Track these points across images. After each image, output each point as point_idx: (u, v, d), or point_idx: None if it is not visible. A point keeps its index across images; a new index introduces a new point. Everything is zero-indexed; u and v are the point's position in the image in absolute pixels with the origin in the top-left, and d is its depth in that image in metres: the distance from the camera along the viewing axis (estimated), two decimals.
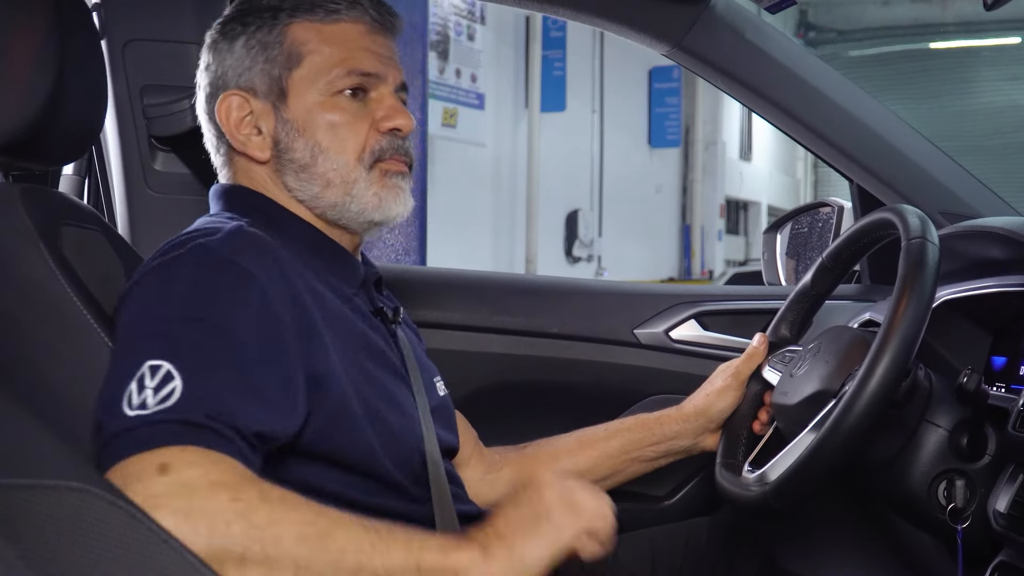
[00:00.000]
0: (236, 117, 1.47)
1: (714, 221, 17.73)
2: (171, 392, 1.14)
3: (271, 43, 1.45)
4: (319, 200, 1.46)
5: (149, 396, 1.13)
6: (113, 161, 2.04)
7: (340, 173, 1.45)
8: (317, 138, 1.45)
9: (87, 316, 1.32)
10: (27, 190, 1.39)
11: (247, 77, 1.46)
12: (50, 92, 1.32)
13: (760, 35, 2.06)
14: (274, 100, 1.46)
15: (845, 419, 1.40)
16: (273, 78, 1.45)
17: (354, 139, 1.45)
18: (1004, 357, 1.71)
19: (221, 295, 1.24)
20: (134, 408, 1.13)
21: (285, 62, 1.45)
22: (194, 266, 1.27)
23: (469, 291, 2.22)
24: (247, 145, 1.47)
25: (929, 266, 1.44)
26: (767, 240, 2.43)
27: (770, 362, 1.78)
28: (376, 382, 1.40)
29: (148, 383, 1.14)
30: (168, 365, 1.15)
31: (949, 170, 2.10)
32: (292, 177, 1.46)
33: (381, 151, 1.46)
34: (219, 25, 1.50)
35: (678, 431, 1.79)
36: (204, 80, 1.51)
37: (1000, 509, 1.46)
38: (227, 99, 1.47)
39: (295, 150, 1.45)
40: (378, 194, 1.46)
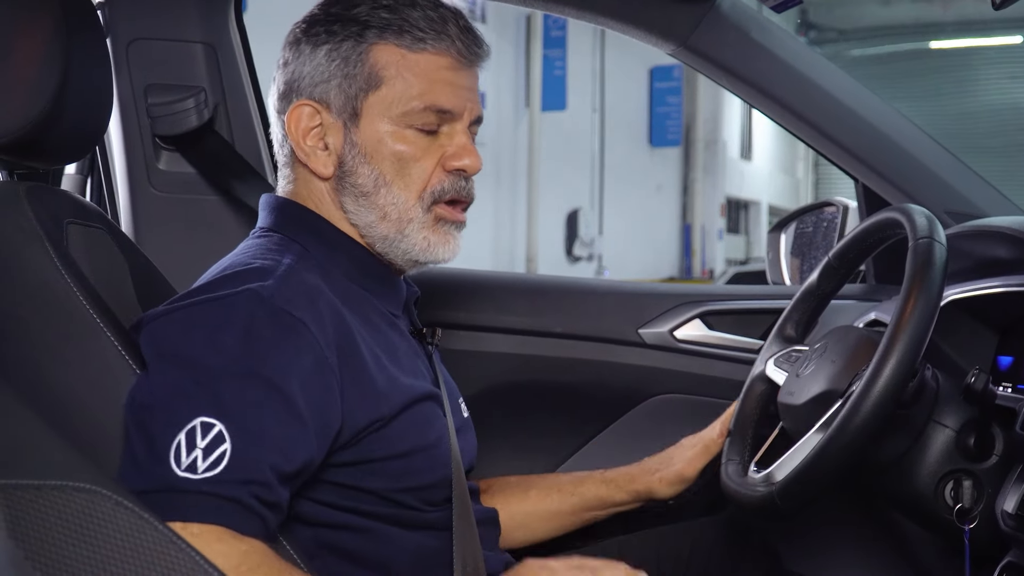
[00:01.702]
0: (305, 127, 1.44)
1: (715, 220, 17.76)
2: (220, 457, 1.18)
3: (353, 60, 1.42)
4: (372, 230, 1.45)
5: (199, 458, 1.17)
6: (117, 160, 2.04)
7: (398, 209, 1.44)
8: (383, 168, 1.43)
9: (92, 315, 1.31)
10: (32, 188, 1.39)
11: (323, 89, 1.44)
12: (55, 91, 1.32)
13: (765, 34, 2.06)
14: (346, 119, 1.43)
15: (852, 419, 1.39)
16: (349, 96, 1.43)
17: (419, 175, 1.43)
18: (1011, 357, 1.70)
19: (274, 349, 1.26)
20: (183, 468, 1.17)
21: (364, 83, 1.42)
22: (248, 316, 1.27)
23: (473, 291, 2.22)
24: (311, 158, 1.45)
25: (937, 266, 1.44)
26: (772, 239, 2.43)
27: (776, 362, 1.77)
28: (413, 406, 1.41)
29: (199, 442, 1.18)
30: (220, 426, 1.19)
31: (955, 169, 2.09)
32: (351, 201, 1.45)
33: (442, 192, 1.45)
34: (305, 24, 1.47)
35: (654, 490, 1.78)
36: (280, 77, 1.48)
37: (1008, 509, 1.45)
38: (299, 108, 1.44)
39: (359, 175, 1.43)
40: (428, 238, 1.45)
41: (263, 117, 2.07)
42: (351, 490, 1.35)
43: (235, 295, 1.28)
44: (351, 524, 1.36)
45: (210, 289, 1.31)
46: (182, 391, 1.22)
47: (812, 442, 1.47)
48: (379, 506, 1.38)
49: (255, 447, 1.20)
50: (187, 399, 1.21)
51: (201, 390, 1.21)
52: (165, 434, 1.18)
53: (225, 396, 1.21)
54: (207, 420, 1.19)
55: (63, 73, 1.33)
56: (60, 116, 1.35)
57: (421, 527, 1.42)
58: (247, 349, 1.25)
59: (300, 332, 1.28)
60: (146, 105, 1.99)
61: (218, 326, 1.26)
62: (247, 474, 1.19)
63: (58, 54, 1.32)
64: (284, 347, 1.26)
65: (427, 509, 1.42)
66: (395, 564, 1.39)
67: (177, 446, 1.17)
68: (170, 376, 1.24)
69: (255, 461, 1.20)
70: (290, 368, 1.26)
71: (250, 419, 1.21)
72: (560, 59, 13.19)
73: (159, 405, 1.21)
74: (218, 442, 1.18)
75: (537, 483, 1.78)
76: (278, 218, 1.48)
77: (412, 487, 1.40)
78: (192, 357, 1.24)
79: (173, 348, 1.26)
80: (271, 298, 1.29)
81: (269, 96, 1.53)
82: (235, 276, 1.32)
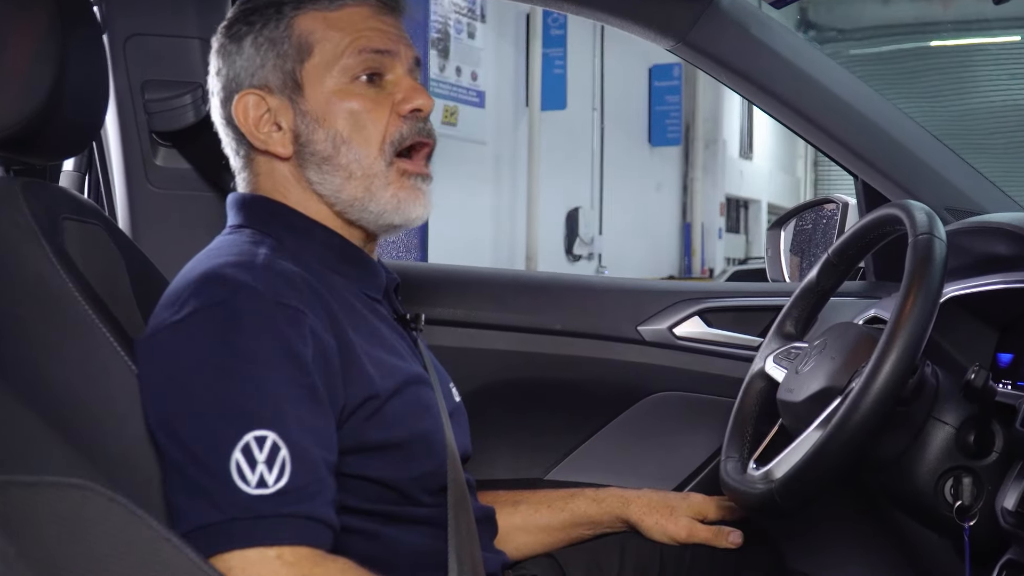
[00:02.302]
0: (254, 116, 1.45)
1: (714, 219, 17.76)
2: (283, 467, 1.19)
3: (279, 38, 1.44)
4: (340, 194, 1.45)
5: (265, 473, 1.18)
6: (114, 156, 2.04)
7: (362, 165, 1.43)
8: (338, 127, 1.43)
9: (89, 311, 1.31)
10: (28, 184, 1.38)
11: (260, 75, 1.45)
12: (52, 87, 1.31)
13: (765, 30, 2.05)
14: (290, 94, 1.44)
15: (852, 416, 1.39)
16: (286, 72, 1.44)
17: (375, 127, 1.44)
18: (1011, 354, 1.70)
19: (286, 342, 1.26)
20: (253, 486, 1.18)
21: (296, 54, 1.43)
22: (253, 315, 1.27)
23: (472, 288, 2.21)
24: (268, 142, 1.45)
25: (937, 262, 1.43)
26: (771, 237, 2.42)
27: (775, 359, 1.77)
28: (405, 388, 1.41)
29: (258, 456, 1.18)
30: (272, 435, 1.20)
31: (955, 166, 2.09)
32: (314, 170, 1.45)
33: (402, 137, 1.45)
34: (224, 28, 1.49)
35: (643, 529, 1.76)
36: (216, 85, 1.49)
37: (1008, 507, 1.45)
38: (242, 99, 1.45)
39: (316, 142, 1.43)
40: (396, 195, 1.45)
41: None
42: (352, 479, 1.34)
43: (234, 296, 1.27)
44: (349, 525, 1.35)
45: (201, 295, 1.29)
46: (219, 407, 1.21)
47: (811, 439, 1.47)
48: (378, 501, 1.37)
49: (308, 446, 1.22)
50: (227, 414, 1.20)
51: (237, 402, 1.21)
52: (220, 457, 1.18)
53: (262, 401, 1.21)
54: (259, 433, 1.19)
55: (59, 69, 1.32)
56: (56, 112, 1.34)
57: (419, 522, 1.41)
58: (263, 347, 1.24)
59: (300, 320, 1.28)
60: (143, 101, 1.98)
61: (230, 330, 1.25)
62: (312, 475, 1.21)
63: (54, 50, 1.32)
64: (294, 338, 1.26)
65: (426, 501, 1.42)
66: (392, 564, 1.39)
67: (238, 466, 1.17)
68: (201, 393, 1.23)
69: (312, 462, 1.22)
70: (305, 357, 1.26)
71: (293, 419, 1.22)
72: (560, 58, 13.19)
73: (201, 429, 1.21)
74: (276, 451, 1.19)
75: (527, 497, 1.77)
76: (247, 213, 1.47)
77: (411, 476, 1.39)
78: (215, 367, 1.23)
79: (193, 361, 1.25)
80: (265, 291, 1.28)
81: (211, 109, 1.53)
82: (221, 277, 1.31)
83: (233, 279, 1.29)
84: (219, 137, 1.94)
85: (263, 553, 1.16)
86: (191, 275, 1.34)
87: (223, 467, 1.17)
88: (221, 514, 1.16)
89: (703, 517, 1.74)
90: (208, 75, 1.51)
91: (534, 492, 1.80)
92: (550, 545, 1.76)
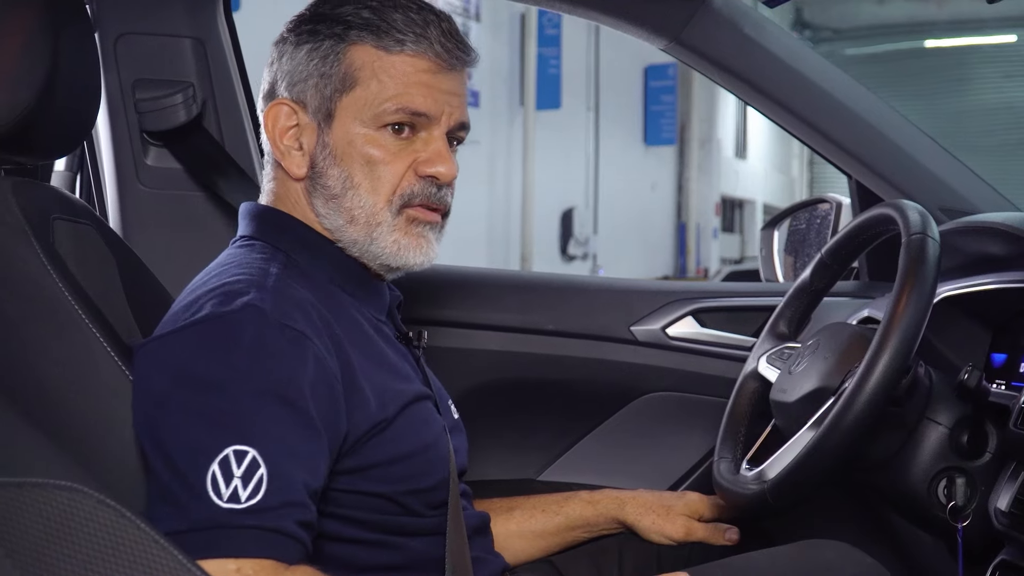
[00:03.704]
0: (283, 127, 1.43)
1: (709, 219, 17.77)
2: (259, 483, 1.17)
3: (331, 60, 1.40)
4: (342, 233, 1.43)
5: (239, 487, 1.17)
6: (105, 156, 2.03)
7: (366, 212, 1.41)
8: (352, 171, 1.40)
9: (79, 312, 1.30)
10: (19, 184, 1.38)
11: (300, 89, 1.42)
12: (43, 86, 1.30)
13: (758, 30, 2.05)
14: (320, 120, 1.41)
15: (845, 417, 1.39)
16: (324, 97, 1.41)
17: (389, 179, 1.40)
18: (1004, 354, 1.70)
19: (284, 364, 1.24)
20: (225, 500, 1.16)
21: (339, 83, 1.40)
22: (255, 333, 1.25)
23: (464, 288, 2.21)
24: (286, 158, 1.43)
25: (930, 262, 1.43)
26: (765, 237, 2.42)
27: (769, 359, 1.77)
28: (408, 407, 1.40)
29: (235, 471, 1.17)
30: (252, 451, 1.18)
31: (948, 165, 2.09)
32: (321, 203, 1.43)
33: (412, 195, 1.41)
34: (292, 23, 1.46)
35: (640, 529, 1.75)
36: (266, 75, 1.47)
37: (1001, 507, 1.45)
38: (277, 107, 1.43)
39: (328, 177, 1.41)
40: (398, 241, 1.42)
41: (252, 113, 2.06)
42: (351, 495, 1.34)
43: (238, 312, 1.26)
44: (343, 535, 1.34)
45: (205, 308, 1.28)
46: (205, 419, 1.20)
47: (804, 440, 1.46)
48: (377, 513, 1.37)
49: (288, 468, 1.20)
50: (212, 427, 1.19)
51: (225, 416, 1.20)
52: (198, 467, 1.17)
53: (249, 419, 1.20)
54: (239, 448, 1.17)
55: (50, 68, 1.31)
56: (47, 111, 1.33)
57: (417, 534, 1.41)
58: (260, 367, 1.23)
59: (304, 344, 1.27)
60: (134, 100, 1.98)
61: (228, 345, 1.24)
62: (287, 497, 1.19)
63: (45, 49, 1.31)
64: (292, 361, 1.25)
65: (426, 513, 1.41)
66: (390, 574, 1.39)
67: (213, 478, 1.16)
68: (190, 403, 1.22)
69: (290, 483, 1.20)
70: (301, 381, 1.24)
71: (277, 440, 1.20)
72: (555, 57, 13.19)
73: (184, 438, 1.20)
74: (254, 468, 1.17)
75: (521, 503, 1.76)
76: (259, 226, 1.45)
77: (413, 490, 1.39)
78: (208, 380, 1.22)
79: (186, 371, 1.23)
80: (271, 312, 1.27)
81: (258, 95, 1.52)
82: (229, 291, 1.29)
83: (241, 296, 1.28)
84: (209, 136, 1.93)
85: (222, 565, 1.14)
86: (200, 289, 1.32)
87: (199, 477, 1.16)
88: (186, 523, 1.15)
89: (699, 516, 1.74)
90: (269, 59, 1.47)
91: (528, 498, 1.79)
92: (546, 550, 1.75)
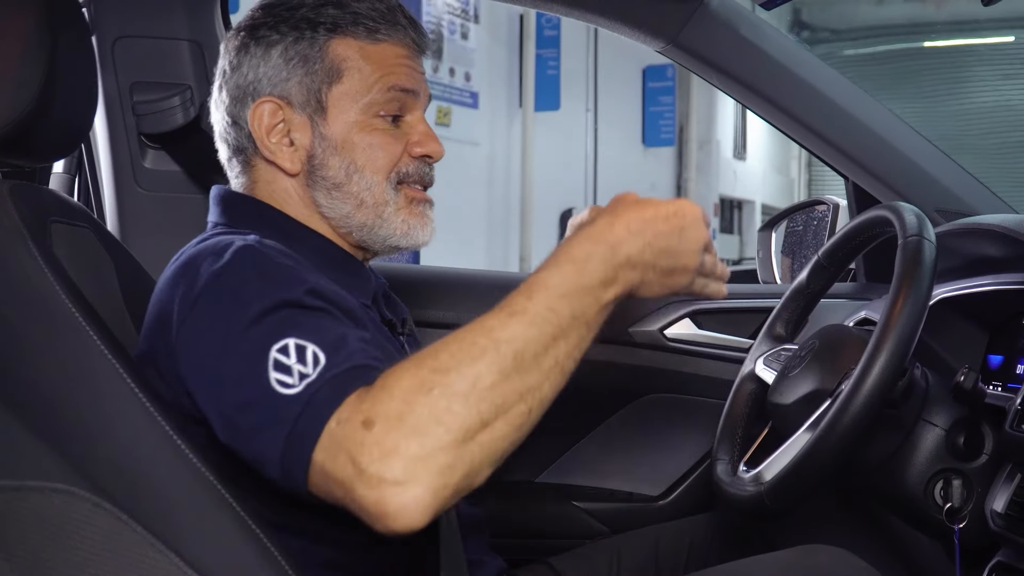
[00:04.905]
0: (268, 124, 1.45)
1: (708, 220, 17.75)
2: (316, 356, 1.14)
3: (312, 57, 1.44)
4: (349, 220, 1.46)
5: (300, 369, 1.13)
6: (102, 158, 2.03)
7: (373, 193, 1.45)
8: (353, 157, 1.45)
9: (76, 315, 1.30)
10: (16, 187, 1.38)
11: (283, 87, 1.45)
12: (40, 88, 1.30)
13: (755, 31, 2.05)
14: (311, 113, 1.45)
15: (841, 419, 1.39)
16: (312, 91, 1.44)
17: (388, 159, 1.46)
18: (1001, 356, 1.70)
19: (284, 279, 1.24)
20: (299, 384, 1.12)
21: (325, 76, 1.44)
22: (254, 263, 1.25)
23: (461, 289, 2.21)
24: (277, 155, 1.45)
25: (926, 264, 1.43)
26: (762, 238, 2.42)
27: (765, 361, 1.77)
28: None
29: (289, 361, 1.13)
30: (292, 340, 1.15)
31: (945, 167, 2.09)
32: (323, 194, 1.46)
33: (407, 175, 1.48)
34: (248, 29, 1.48)
35: None
36: (231, 82, 1.48)
37: (997, 509, 1.45)
38: (260, 106, 1.45)
39: (330, 167, 1.45)
40: (407, 221, 1.48)
41: None
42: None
43: (231, 259, 1.25)
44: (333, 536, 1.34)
45: (202, 275, 1.26)
46: (241, 352, 1.17)
47: (801, 441, 1.47)
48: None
49: (333, 335, 1.17)
50: (251, 351, 1.16)
51: (258, 334, 1.17)
52: (258, 386, 1.13)
53: (279, 321, 1.18)
54: (280, 344, 1.14)
55: (48, 71, 1.31)
56: (45, 114, 1.33)
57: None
58: (276, 284, 1.22)
59: (302, 272, 1.27)
60: (132, 103, 1.98)
61: (234, 283, 1.23)
62: (346, 349, 1.15)
63: (43, 52, 1.31)
64: (298, 274, 1.25)
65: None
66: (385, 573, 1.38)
67: (278, 382, 1.13)
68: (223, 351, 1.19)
69: (343, 341, 1.17)
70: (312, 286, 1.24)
71: (314, 326, 1.18)
72: (553, 59, 13.17)
73: (231, 381, 1.17)
74: (302, 350, 1.14)
75: None
76: (235, 213, 1.46)
77: None
78: (229, 322, 1.20)
79: (209, 338, 1.22)
80: (261, 248, 1.27)
81: (212, 99, 1.52)
82: (217, 250, 1.29)
83: (225, 248, 1.28)
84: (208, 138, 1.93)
85: (328, 430, 1.09)
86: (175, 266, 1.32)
87: (267, 392, 1.13)
88: (286, 428, 1.11)
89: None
90: (224, 67, 1.49)
91: None
92: None
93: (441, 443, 1.04)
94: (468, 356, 1.08)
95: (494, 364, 1.08)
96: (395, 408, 1.05)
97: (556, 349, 1.13)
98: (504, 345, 1.09)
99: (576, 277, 1.16)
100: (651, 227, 1.23)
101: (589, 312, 1.16)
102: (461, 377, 1.07)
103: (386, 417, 1.04)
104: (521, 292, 1.14)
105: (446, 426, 1.04)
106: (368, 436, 1.04)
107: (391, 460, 1.02)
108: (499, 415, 1.08)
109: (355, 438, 1.05)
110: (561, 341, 1.14)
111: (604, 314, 1.19)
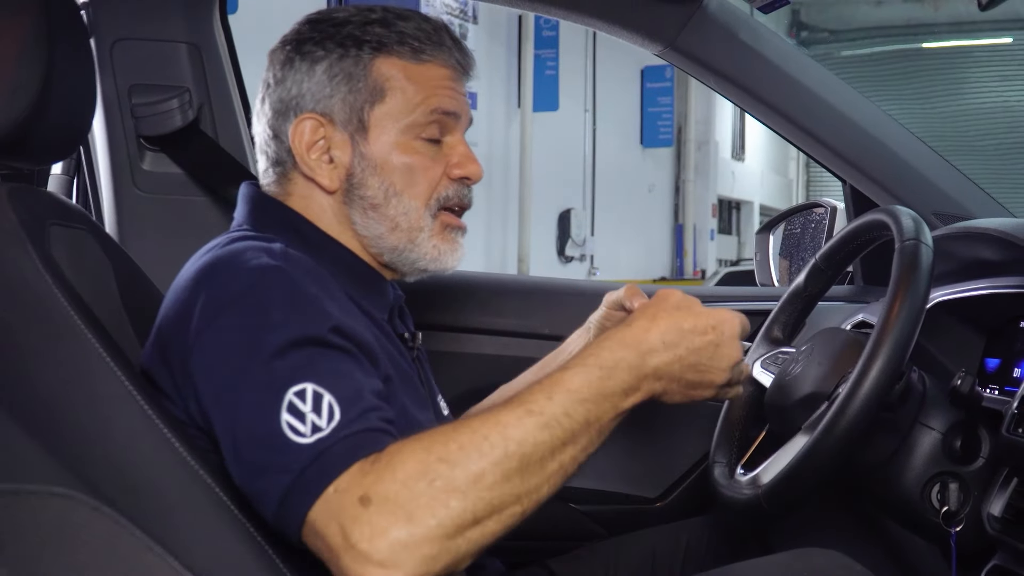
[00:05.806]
0: (309, 140, 1.44)
1: (706, 221, 17.76)
2: (331, 407, 1.15)
3: (356, 74, 1.43)
4: (381, 241, 1.46)
5: (315, 419, 1.14)
6: (101, 161, 2.03)
7: (409, 219, 1.45)
8: (393, 179, 1.44)
9: (75, 318, 1.30)
10: (14, 189, 1.38)
11: (326, 104, 1.44)
12: (38, 91, 1.30)
13: (753, 35, 2.06)
14: (353, 131, 1.44)
15: (838, 422, 1.39)
16: (354, 108, 1.43)
17: (427, 183, 1.45)
18: (997, 359, 1.70)
19: (311, 311, 1.24)
20: (310, 435, 1.13)
21: (369, 95, 1.43)
22: (283, 286, 1.25)
23: (460, 292, 2.21)
24: (316, 171, 1.44)
25: (923, 268, 1.43)
26: (760, 241, 2.42)
27: (763, 363, 1.77)
28: (406, 410, 1.40)
29: (304, 408, 1.14)
30: (310, 386, 1.16)
31: (942, 171, 2.09)
32: (359, 214, 1.45)
33: (447, 199, 1.47)
34: (295, 44, 1.47)
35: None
36: (275, 95, 1.47)
37: (994, 512, 1.45)
38: (302, 122, 1.44)
39: (369, 187, 1.44)
40: (438, 247, 1.47)
41: (248, 117, 2.05)
42: None
43: (256, 277, 1.25)
44: None
45: (222, 284, 1.27)
46: (256, 381, 1.18)
47: (798, 445, 1.47)
48: None
49: (350, 385, 1.18)
50: (267, 383, 1.17)
51: (274, 368, 1.17)
52: (268, 424, 1.14)
53: (297, 361, 1.18)
54: (297, 388, 1.15)
55: (46, 73, 1.31)
56: (43, 117, 1.33)
57: None
58: (294, 318, 1.22)
59: (321, 304, 1.26)
60: (130, 105, 1.98)
61: (252, 307, 1.23)
62: (362, 405, 1.16)
63: (41, 54, 1.31)
64: (317, 310, 1.24)
65: None
66: None
67: (289, 426, 1.13)
68: (236, 374, 1.20)
69: (358, 394, 1.17)
70: (335, 323, 1.24)
71: (331, 371, 1.18)
72: (552, 59, 13.18)
73: (246, 409, 1.17)
74: (318, 398, 1.15)
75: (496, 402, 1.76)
76: (261, 217, 1.46)
77: None
78: (244, 346, 1.20)
79: (228, 352, 1.21)
80: (287, 269, 1.27)
81: (255, 109, 1.52)
82: (239, 264, 1.28)
83: (251, 258, 1.28)
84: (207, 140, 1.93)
85: (340, 489, 1.11)
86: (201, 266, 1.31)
87: (275, 433, 1.13)
88: (290, 476, 1.12)
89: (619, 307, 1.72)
90: (268, 79, 1.49)
91: (503, 393, 1.80)
92: None
93: (431, 534, 1.06)
94: (476, 452, 1.10)
95: (499, 465, 1.10)
96: (394, 491, 1.07)
97: (563, 454, 1.16)
98: (513, 446, 1.12)
99: (600, 383, 1.18)
100: (686, 341, 1.25)
101: (604, 418, 1.19)
102: (465, 473, 1.09)
103: (384, 499, 1.07)
104: (543, 388, 1.16)
105: (439, 519, 1.07)
106: (363, 513, 1.07)
107: (379, 541, 1.05)
108: (492, 514, 1.11)
109: (350, 512, 1.08)
110: (570, 446, 1.16)
111: (618, 420, 1.22)
